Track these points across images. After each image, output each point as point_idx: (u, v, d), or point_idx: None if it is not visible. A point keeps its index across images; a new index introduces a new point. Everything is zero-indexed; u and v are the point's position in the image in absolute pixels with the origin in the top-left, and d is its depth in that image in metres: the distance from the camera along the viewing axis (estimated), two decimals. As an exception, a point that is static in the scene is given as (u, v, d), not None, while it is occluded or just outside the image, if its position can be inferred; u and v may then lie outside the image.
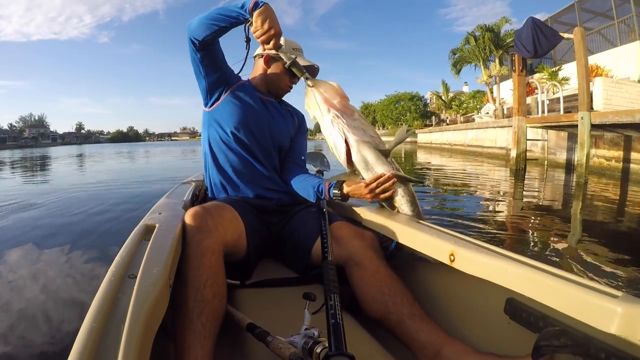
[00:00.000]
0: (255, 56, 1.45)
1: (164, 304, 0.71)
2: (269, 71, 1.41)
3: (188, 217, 0.98)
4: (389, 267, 1.10)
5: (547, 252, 2.57)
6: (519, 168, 7.06)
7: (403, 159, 12.68)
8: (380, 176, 1.18)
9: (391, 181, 1.18)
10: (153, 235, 0.89)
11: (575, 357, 0.69)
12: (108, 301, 0.60)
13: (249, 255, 1.14)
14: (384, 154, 1.24)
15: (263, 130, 1.36)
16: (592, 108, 7.71)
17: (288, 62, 1.23)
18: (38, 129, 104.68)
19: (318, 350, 0.69)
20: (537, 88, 9.33)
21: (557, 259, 2.43)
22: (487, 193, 5.16)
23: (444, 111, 34.94)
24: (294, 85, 1.46)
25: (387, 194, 1.19)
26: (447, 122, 27.67)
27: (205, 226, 0.96)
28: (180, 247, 0.92)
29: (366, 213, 1.31)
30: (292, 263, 1.28)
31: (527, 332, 0.83)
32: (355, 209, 1.37)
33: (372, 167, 1.21)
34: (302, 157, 1.52)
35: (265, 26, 1.06)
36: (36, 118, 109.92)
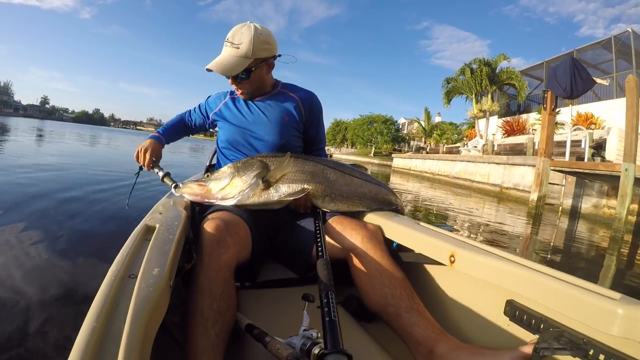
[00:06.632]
0: None
1: (164, 304, 0.71)
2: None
3: (210, 227, 1.00)
4: (392, 259, 1.09)
5: None
6: (538, 212, 6.40)
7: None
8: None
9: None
10: (154, 236, 0.89)
11: (574, 359, 0.69)
12: (108, 301, 0.60)
13: (252, 260, 1.14)
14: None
15: (246, 137, 1.41)
16: (604, 158, 7.14)
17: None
18: (1, 96, 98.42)
19: (316, 352, 0.67)
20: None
21: None
22: (506, 239, 4.42)
23: (423, 139, 34.99)
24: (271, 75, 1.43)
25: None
26: (427, 150, 27.37)
27: (224, 242, 0.99)
28: (181, 247, 0.93)
29: (367, 214, 1.32)
30: (291, 264, 1.29)
31: (527, 333, 0.82)
32: (356, 210, 1.33)
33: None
34: (321, 144, 1.54)
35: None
36: (1, 85, 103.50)
